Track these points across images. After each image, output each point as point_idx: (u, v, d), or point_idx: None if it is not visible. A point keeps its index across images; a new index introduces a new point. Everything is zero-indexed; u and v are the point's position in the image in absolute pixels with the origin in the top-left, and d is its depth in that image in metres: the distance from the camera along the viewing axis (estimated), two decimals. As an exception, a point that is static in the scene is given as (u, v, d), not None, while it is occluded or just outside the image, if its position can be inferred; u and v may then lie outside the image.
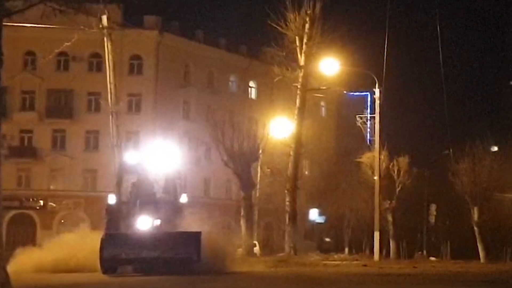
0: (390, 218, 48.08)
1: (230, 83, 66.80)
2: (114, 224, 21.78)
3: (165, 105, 60.61)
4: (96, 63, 58.01)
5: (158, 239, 20.72)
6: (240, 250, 30.10)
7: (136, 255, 20.65)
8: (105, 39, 31.41)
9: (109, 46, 31.48)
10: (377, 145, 43.14)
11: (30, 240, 40.20)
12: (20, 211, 56.74)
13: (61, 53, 45.54)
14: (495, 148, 46.93)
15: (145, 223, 21.16)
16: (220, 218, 35.80)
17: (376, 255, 41.46)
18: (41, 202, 58.62)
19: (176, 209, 22.06)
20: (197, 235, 20.52)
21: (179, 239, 20.74)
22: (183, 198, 22.68)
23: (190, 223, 21.54)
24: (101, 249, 20.33)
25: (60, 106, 60.55)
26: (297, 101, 34.38)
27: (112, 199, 22.28)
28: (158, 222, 21.23)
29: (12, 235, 47.14)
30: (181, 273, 20.15)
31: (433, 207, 60.52)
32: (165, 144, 24.45)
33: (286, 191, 35.79)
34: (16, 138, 58.82)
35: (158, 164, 22.66)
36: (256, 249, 42.21)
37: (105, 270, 20.59)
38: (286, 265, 27.50)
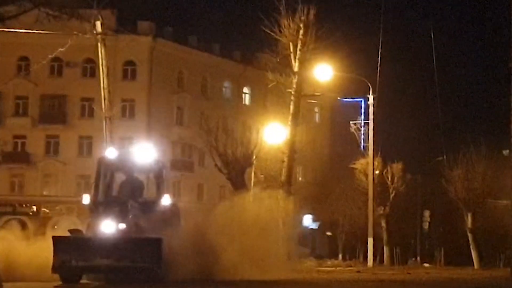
0: (383, 224, 48.08)
1: (224, 89, 66.85)
2: (92, 227, 19.44)
3: (158, 111, 60.62)
4: (89, 68, 58.01)
5: (112, 246, 18.42)
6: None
7: (87, 262, 18.40)
8: (98, 44, 31.33)
9: (103, 52, 31.40)
10: (370, 151, 43.19)
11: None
12: (13, 217, 56.61)
13: (55, 59, 45.46)
14: (507, 152, 47.08)
15: (108, 227, 18.79)
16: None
17: (370, 261, 41.46)
18: (34, 208, 58.49)
19: (155, 211, 19.89)
20: (157, 241, 18.35)
21: (135, 246, 18.46)
22: (166, 200, 20.38)
23: (171, 228, 19.50)
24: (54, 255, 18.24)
25: (54, 112, 60.50)
26: (291, 107, 34.32)
27: (86, 199, 19.78)
28: (123, 226, 18.86)
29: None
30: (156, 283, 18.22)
31: (426, 213, 60.55)
32: (146, 145, 22.70)
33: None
34: (9, 144, 58.73)
35: (139, 163, 20.66)
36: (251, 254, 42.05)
37: (64, 279, 18.48)
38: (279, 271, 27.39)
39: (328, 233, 62.49)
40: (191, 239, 19.87)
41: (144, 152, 20.99)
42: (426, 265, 49.96)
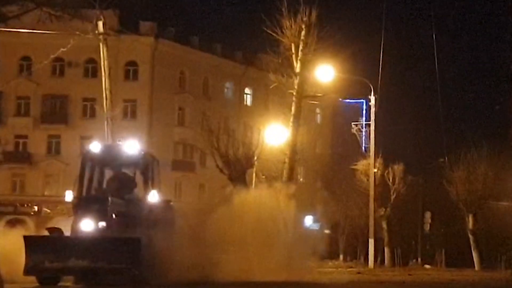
0: (384, 225, 48.05)
1: (225, 89, 66.84)
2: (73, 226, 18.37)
3: (160, 111, 60.63)
4: (91, 68, 57.99)
5: (88, 246, 17.38)
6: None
7: (61, 264, 17.29)
8: (100, 45, 31.36)
9: (105, 52, 31.43)
10: (372, 152, 43.21)
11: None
12: (14, 217, 56.60)
13: (57, 59, 45.50)
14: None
15: (87, 225, 17.79)
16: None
17: (371, 263, 41.48)
18: (36, 208, 58.48)
19: (143, 209, 18.97)
20: (135, 241, 17.30)
21: (112, 246, 17.40)
22: (153, 196, 19.42)
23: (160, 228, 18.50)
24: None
25: (55, 112, 60.53)
26: (293, 108, 34.33)
27: (69, 196, 18.72)
28: (102, 224, 17.88)
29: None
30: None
31: (428, 215, 60.45)
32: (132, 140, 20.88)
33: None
34: (11, 144, 58.79)
35: (124, 157, 19.66)
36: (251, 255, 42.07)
37: (41, 281, 17.60)
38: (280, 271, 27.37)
39: (326, 231, 62.35)
40: (186, 239, 19.22)
41: (130, 146, 19.97)
42: (427, 266, 49.94)
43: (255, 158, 36.25)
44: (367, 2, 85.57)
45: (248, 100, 67.91)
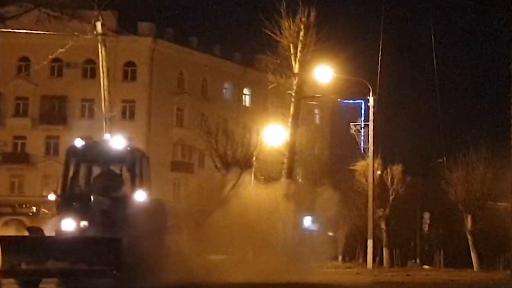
0: (383, 226, 48.07)
1: (224, 90, 66.83)
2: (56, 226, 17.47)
3: (159, 112, 60.61)
4: (90, 69, 57.98)
5: (67, 247, 16.43)
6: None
7: (39, 266, 16.33)
8: (99, 45, 31.35)
9: (103, 53, 31.42)
10: (370, 153, 43.18)
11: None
12: (12, 217, 56.57)
13: (55, 59, 45.47)
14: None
15: (68, 225, 16.84)
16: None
17: (370, 263, 41.44)
18: (34, 209, 58.43)
19: (131, 209, 17.76)
20: (115, 242, 16.37)
21: (92, 247, 16.46)
22: (140, 195, 18.23)
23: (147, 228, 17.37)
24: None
25: (54, 112, 60.49)
26: (291, 108, 34.35)
27: (52, 195, 17.87)
28: (84, 224, 16.91)
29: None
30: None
31: (426, 215, 60.51)
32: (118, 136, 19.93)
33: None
34: (10, 144, 58.78)
35: (110, 153, 18.60)
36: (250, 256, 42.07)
37: (22, 284, 16.80)
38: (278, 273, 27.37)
39: (330, 233, 62.37)
40: (180, 240, 18.74)
41: (116, 142, 18.96)
42: (426, 267, 50.00)
43: (254, 158, 36.27)
44: (365, 3, 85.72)
45: (247, 100, 67.90)
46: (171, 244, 18.27)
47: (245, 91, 67.60)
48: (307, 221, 62.26)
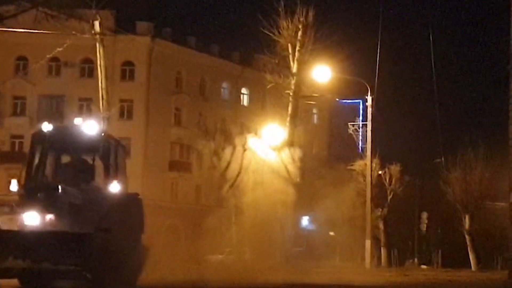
0: (381, 226, 48.10)
1: (222, 90, 66.78)
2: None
3: (157, 112, 60.54)
4: (87, 68, 57.91)
5: (30, 243, 14.64)
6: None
7: None
8: (97, 45, 31.33)
9: (101, 52, 31.39)
10: (369, 153, 43.18)
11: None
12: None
13: (53, 59, 45.42)
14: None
15: (31, 219, 15.16)
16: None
17: (367, 263, 41.44)
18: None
19: (104, 201, 15.93)
20: (85, 238, 14.50)
21: (58, 244, 14.51)
22: (113, 187, 16.29)
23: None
24: None
25: (52, 112, 60.35)
26: (289, 108, 34.32)
27: (14, 186, 16.44)
28: (50, 217, 15.11)
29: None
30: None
31: (424, 215, 60.55)
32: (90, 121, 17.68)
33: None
34: (7, 143, 58.63)
35: (80, 140, 16.64)
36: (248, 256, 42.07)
37: None
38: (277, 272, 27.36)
39: (331, 233, 62.41)
40: (159, 237, 17.63)
41: (88, 128, 16.86)
42: (424, 267, 50.04)
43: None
44: (364, 3, 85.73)
45: (245, 100, 67.84)
46: (146, 242, 17.09)
47: (243, 90, 67.55)
48: (305, 221, 62.45)
